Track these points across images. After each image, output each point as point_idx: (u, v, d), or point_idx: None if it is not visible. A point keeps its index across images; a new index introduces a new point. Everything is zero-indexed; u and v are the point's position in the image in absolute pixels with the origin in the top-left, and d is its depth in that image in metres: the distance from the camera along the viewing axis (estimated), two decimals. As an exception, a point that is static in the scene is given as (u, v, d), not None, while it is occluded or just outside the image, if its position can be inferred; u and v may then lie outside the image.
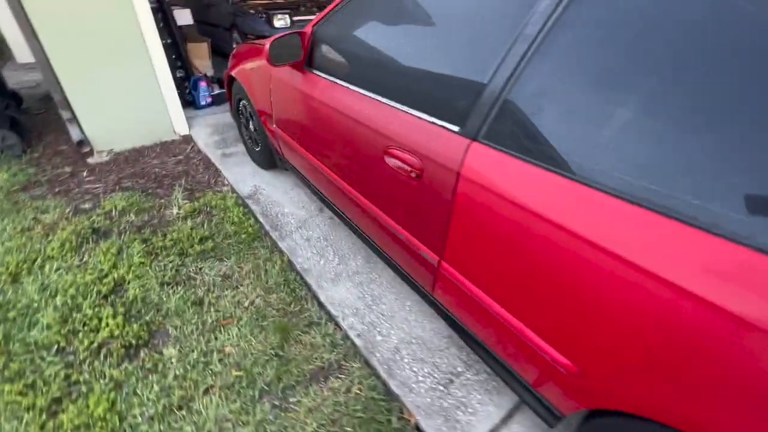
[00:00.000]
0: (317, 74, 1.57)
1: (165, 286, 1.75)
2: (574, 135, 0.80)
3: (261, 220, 2.18)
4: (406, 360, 1.47)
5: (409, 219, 1.24)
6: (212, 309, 1.66)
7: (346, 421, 1.28)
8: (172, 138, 3.13)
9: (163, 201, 2.35)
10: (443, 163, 1.02)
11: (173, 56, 3.53)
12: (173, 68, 3.29)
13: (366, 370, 1.44)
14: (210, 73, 3.93)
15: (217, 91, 3.80)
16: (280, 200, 2.36)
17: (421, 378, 1.41)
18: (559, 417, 1.06)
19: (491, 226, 0.93)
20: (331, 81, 1.46)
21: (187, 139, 3.13)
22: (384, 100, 1.22)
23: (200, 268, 1.86)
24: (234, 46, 5.07)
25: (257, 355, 1.48)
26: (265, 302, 1.69)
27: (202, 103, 3.66)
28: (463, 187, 0.98)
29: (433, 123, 1.07)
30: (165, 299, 1.69)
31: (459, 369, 1.45)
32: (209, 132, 3.22)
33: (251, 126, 2.51)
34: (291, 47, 1.59)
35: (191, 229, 2.09)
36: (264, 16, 4.50)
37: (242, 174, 2.61)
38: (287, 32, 1.59)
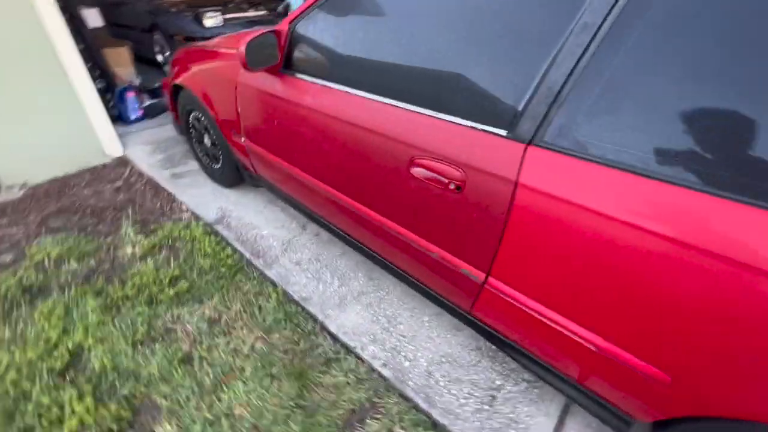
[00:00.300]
0: (303, 78, 1.36)
1: (138, 345, 1.45)
2: (659, 132, 0.73)
3: (239, 247, 1.91)
4: (441, 383, 1.36)
5: (443, 235, 1.11)
6: (206, 365, 1.40)
7: (398, 468, 1.14)
8: (104, 161, 2.66)
9: (110, 240, 1.96)
10: (494, 173, 0.90)
11: (89, 64, 3.00)
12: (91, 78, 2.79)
13: (403, 404, 1.30)
14: (136, 81, 3.42)
15: (148, 102, 3.32)
16: (255, 222, 2.10)
17: (462, 400, 1.31)
18: (631, 423, 1.02)
19: (565, 239, 0.84)
20: (327, 86, 1.27)
21: (123, 161, 2.68)
22: (406, 105, 1.07)
23: (178, 316, 1.57)
24: (156, 49, 4.51)
25: (275, 410, 1.26)
26: (268, 345, 1.47)
27: (132, 117, 3.17)
28: (524, 197, 0.87)
29: (473, 128, 0.95)
30: (143, 363, 1.39)
31: (498, 382, 1.37)
32: (149, 150, 2.79)
33: (207, 140, 2.19)
34: (267, 49, 1.37)
35: (156, 269, 1.76)
36: (191, 14, 4.03)
37: (202, 196, 2.29)
38: (260, 32, 1.36)
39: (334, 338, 1.51)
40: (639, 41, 0.73)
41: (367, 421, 1.26)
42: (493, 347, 1.49)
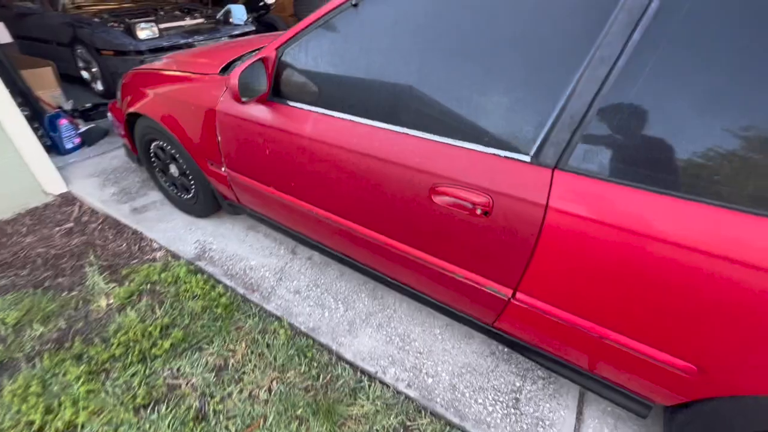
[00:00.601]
0: (299, 107, 1.31)
1: (141, 411, 1.31)
2: (673, 153, 0.81)
3: (229, 283, 1.79)
4: (467, 394, 1.40)
5: (468, 257, 1.14)
6: (223, 418, 1.31)
7: (446, 488, 1.16)
8: (45, 201, 2.34)
9: (76, 294, 1.74)
10: (524, 197, 0.94)
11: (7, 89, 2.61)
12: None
13: (436, 422, 1.32)
14: (66, 105, 3.04)
15: (84, 127, 2.97)
16: (240, 252, 1.98)
17: (490, 408, 1.36)
18: (651, 407, 1.13)
19: (596, 253, 0.90)
20: (329, 115, 1.23)
21: (69, 199, 2.38)
22: (424, 134, 1.07)
23: (179, 370, 1.44)
24: (80, 65, 4.05)
25: (310, 454, 1.22)
26: (286, 385, 1.41)
27: (68, 146, 2.82)
28: (555, 219, 0.92)
29: (496, 155, 0.98)
30: (151, 430, 1.26)
31: (517, 384, 1.44)
32: (98, 183, 2.50)
33: (174, 170, 2.02)
34: (258, 77, 1.29)
35: (141, 321, 1.60)
36: (120, 25, 3.65)
37: (174, 230, 2.11)
38: (248, 61, 1.28)
39: (353, 366, 1.49)
40: (653, 72, 0.80)
41: (405, 446, 1.26)
42: (505, 350, 1.56)
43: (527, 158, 0.95)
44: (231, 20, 4.33)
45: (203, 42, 3.93)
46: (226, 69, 1.62)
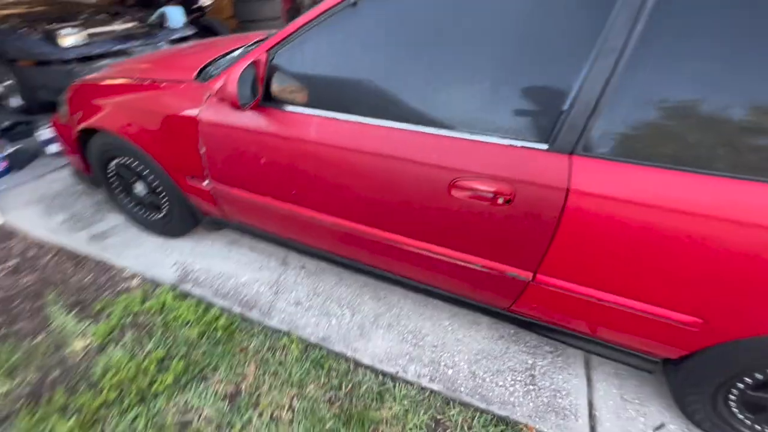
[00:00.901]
0: (300, 111, 1.26)
1: (154, 455, 1.19)
2: (678, 132, 0.90)
3: (223, 304, 1.68)
4: (487, 379, 1.45)
5: (488, 246, 1.17)
6: (248, 446, 1.23)
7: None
8: (-25, 238, 2.01)
9: (42, 339, 1.52)
10: (546, 183, 1.00)
11: None
12: None
13: (465, 411, 1.35)
14: (-17, 126, 2.63)
15: (10, 149, 2.60)
16: (227, 269, 1.86)
17: (510, 388, 1.42)
18: (657, 362, 1.25)
19: (615, 229, 0.98)
20: (336, 118, 1.20)
21: (6, 232, 2.07)
22: (441, 131, 1.08)
23: (186, 404, 1.33)
24: (-11, 78, 3.51)
25: (349, 466, 1.19)
26: (308, 400, 1.35)
27: (-7, 172, 2.45)
28: (576, 200, 0.98)
29: (513, 146, 1.03)
30: (170, 473, 1.15)
31: (529, 362, 1.52)
32: (40, 211, 2.20)
33: (141, 189, 1.84)
34: (248, 82, 1.22)
35: (131, 357, 1.44)
36: (37, 32, 3.23)
37: (147, 255, 1.92)
38: (240, 64, 1.20)
39: (373, 370, 1.47)
40: (657, 59, 0.88)
41: (441, 439, 1.28)
42: (512, 332, 1.63)
43: (545, 146, 1.00)
44: (167, 24, 4.02)
45: (140, 48, 3.60)
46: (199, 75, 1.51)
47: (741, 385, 1.13)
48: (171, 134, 1.50)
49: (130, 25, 3.88)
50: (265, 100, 1.30)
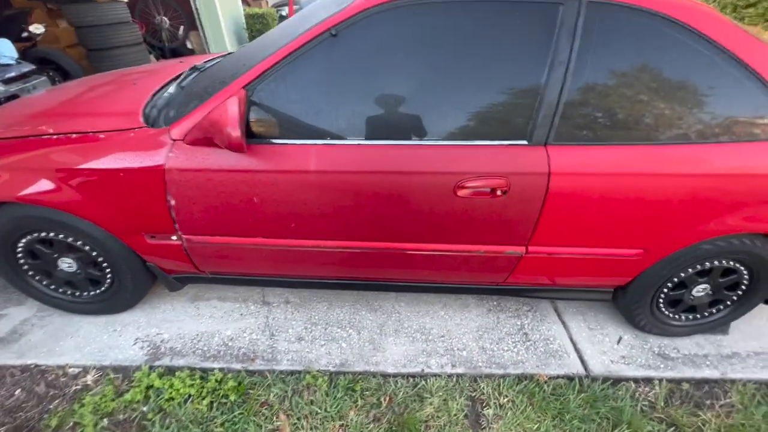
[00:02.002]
0: (290, 143, 1.24)
1: None
2: (614, 115, 1.22)
3: (218, 365, 1.51)
4: (494, 349, 1.65)
5: (489, 233, 1.36)
6: (318, 494, 1.17)
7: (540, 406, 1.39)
8: None
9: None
10: (533, 171, 1.23)
11: None
12: None
13: (492, 381, 1.52)
14: None
15: None
16: (205, 328, 1.66)
17: (514, 350, 1.65)
18: (611, 292, 1.63)
19: (585, 195, 1.26)
20: (336, 144, 1.22)
21: None
22: (442, 142, 1.22)
23: (228, 483, 1.18)
24: None
25: (420, 468, 1.25)
26: (354, 427, 1.34)
27: None
28: (556, 181, 1.24)
29: (501, 145, 1.23)
30: None
31: (518, 323, 1.78)
32: None
33: (67, 265, 1.51)
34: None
35: (136, 461, 1.20)
36: None
37: (91, 341, 1.57)
38: (218, 101, 1.13)
39: (401, 375, 1.53)
40: (593, 65, 1.18)
41: (483, 412, 1.42)
42: (494, 303, 1.88)
43: (525, 142, 1.23)
44: (-6, 60, 3.20)
45: (-35, 93, 2.80)
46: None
47: (665, 290, 1.56)
48: (124, 191, 1.29)
49: (24, 69, 2.99)
50: (247, 137, 1.24)
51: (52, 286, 1.59)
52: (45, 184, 1.30)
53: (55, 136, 1.30)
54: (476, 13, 1.18)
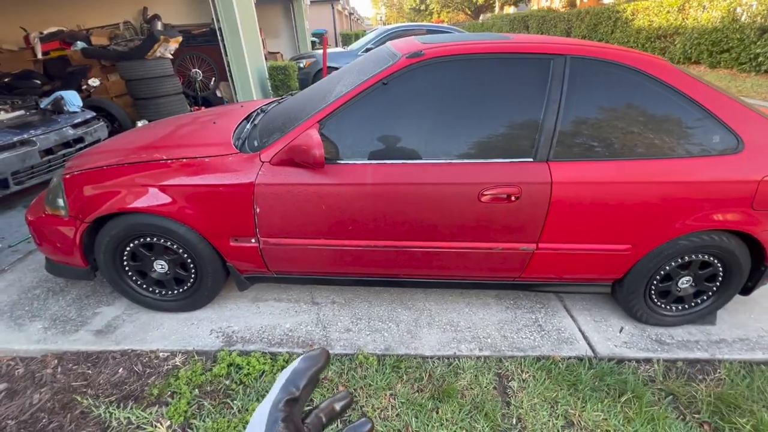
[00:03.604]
0: (351, 163, 1.62)
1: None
2: (598, 138, 1.61)
3: (284, 350, 1.79)
4: (514, 337, 1.93)
5: (506, 232, 1.70)
6: (378, 444, 1.42)
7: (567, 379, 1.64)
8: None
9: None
10: (539, 181, 1.60)
11: None
12: None
13: (514, 361, 1.79)
14: None
15: None
16: (267, 322, 1.96)
17: (531, 338, 1.93)
18: (608, 285, 1.94)
19: (582, 199, 1.62)
20: (387, 163, 1.61)
21: (-31, 360, 1.72)
22: (466, 161, 1.60)
23: None
24: None
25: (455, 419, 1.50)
26: (402, 396, 1.61)
27: None
28: (557, 188, 1.60)
29: (512, 162, 1.61)
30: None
31: (532, 317, 2.07)
32: (2, 326, 1.88)
33: (161, 266, 1.85)
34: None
35: (227, 423, 1.46)
36: None
37: (174, 332, 1.87)
38: (302, 131, 1.53)
39: (437, 357, 1.80)
40: (578, 103, 1.59)
41: (509, 383, 1.69)
42: (511, 301, 2.17)
43: (531, 159, 1.62)
44: (65, 108, 3.72)
45: (44, 136, 3.27)
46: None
47: (655, 282, 1.87)
48: (221, 201, 1.66)
49: (17, 113, 3.48)
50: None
51: (144, 286, 1.92)
52: (159, 197, 1.67)
53: (169, 161, 1.70)
54: (489, 66, 1.62)
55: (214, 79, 6.37)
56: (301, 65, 7.72)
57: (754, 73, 8.72)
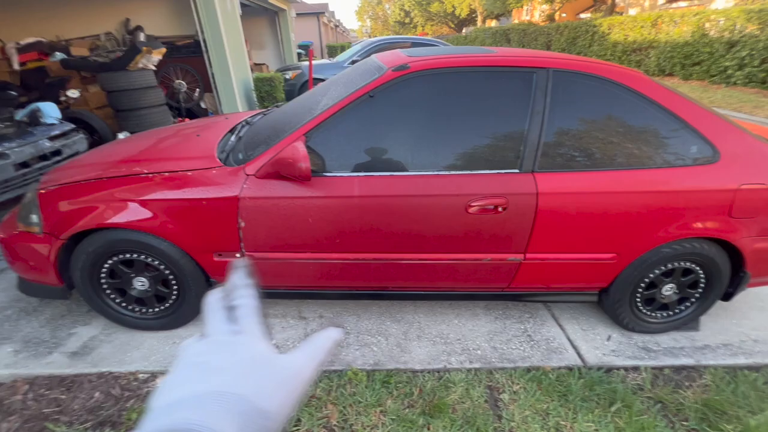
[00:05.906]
0: (338, 175, 1.61)
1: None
2: (579, 153, 1.64)
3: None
4: (504, 348, 1.92)
5: (494, 243, 1.71)
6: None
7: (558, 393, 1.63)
8: None
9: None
10: (525, 192, 1.61)
11: None
12: None
13: (505, 373, 1.78)
14: None
15: None
16: (252, 339, 1.90)
17: (521, 348, 1.93)
18: (596, 294, 1.96)
19: (567, 210, 1.64)
20: (374, 175, 1.60)
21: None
22: (455, 172, 1.60)
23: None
24: None
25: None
26: (392, 412, 1.57)
27: None
28: (543, 199, 1.62)
29: (499, 173, 1.63)
30: None
31: (521, 327, 2.07)
32: (-29, 351, 1.78)
33: (141, 284, 1.78)
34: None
35: None
36: None
37: (156, 351, 1.80)
38: (286, 144, 1.51)
39: (427, 371, 1.78)
40: (561, 114, 1.62)
41: (500, 396, 1.67)
42: (500, 312, 2.17)
43: (517, 170, 1.63)
44: (42, 120, 3.62)
45: (19, 149, 3.16)
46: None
47: (640, 290, 1.89)
48: (204, 216, 1.62)
49: None
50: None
51: (123, 304, 1.85)
52: (140, 212, 1.62)
53: (151, 175, 1.65)
54: (474, 79, 1.64)
55: (198, 90, 6.31)
56: (287, 77, 7.72)
57: (724, 84, 9.13)
